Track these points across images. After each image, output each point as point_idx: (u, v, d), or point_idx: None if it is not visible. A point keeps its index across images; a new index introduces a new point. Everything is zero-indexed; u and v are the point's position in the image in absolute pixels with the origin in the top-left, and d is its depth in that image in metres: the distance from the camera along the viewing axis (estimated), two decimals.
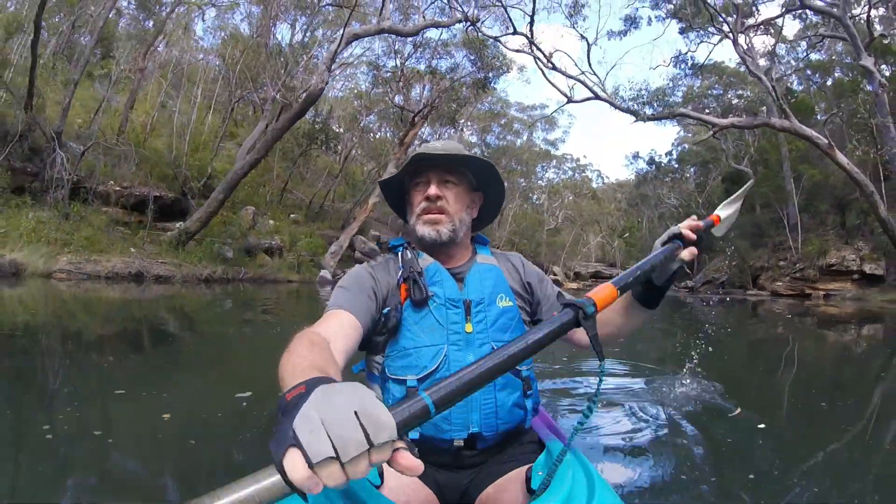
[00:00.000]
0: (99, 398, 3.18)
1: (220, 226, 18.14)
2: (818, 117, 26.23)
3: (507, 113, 43.59)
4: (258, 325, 7.64)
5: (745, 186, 1.60)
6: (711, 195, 39.90)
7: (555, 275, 47.64)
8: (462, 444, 1.24)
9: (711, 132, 19.91)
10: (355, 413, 0.57)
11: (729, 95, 33.81)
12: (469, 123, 40.05)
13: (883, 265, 22.43)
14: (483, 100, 28.27)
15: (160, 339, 5.79)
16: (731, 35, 20.92)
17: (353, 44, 21.04)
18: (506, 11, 17.37)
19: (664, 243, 1.23)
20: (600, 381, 0.98)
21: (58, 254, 13.21)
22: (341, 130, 32.35)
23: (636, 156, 60.51)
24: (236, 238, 18.19)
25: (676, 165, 46.11)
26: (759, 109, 29.02)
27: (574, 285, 45.87)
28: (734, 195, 1.54)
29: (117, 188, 17.43)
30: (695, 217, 1.30)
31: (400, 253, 1.41)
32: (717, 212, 1.45)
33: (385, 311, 1.31)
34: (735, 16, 21.08)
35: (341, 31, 15.32)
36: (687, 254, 1.22)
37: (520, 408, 1.30)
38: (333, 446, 0.54)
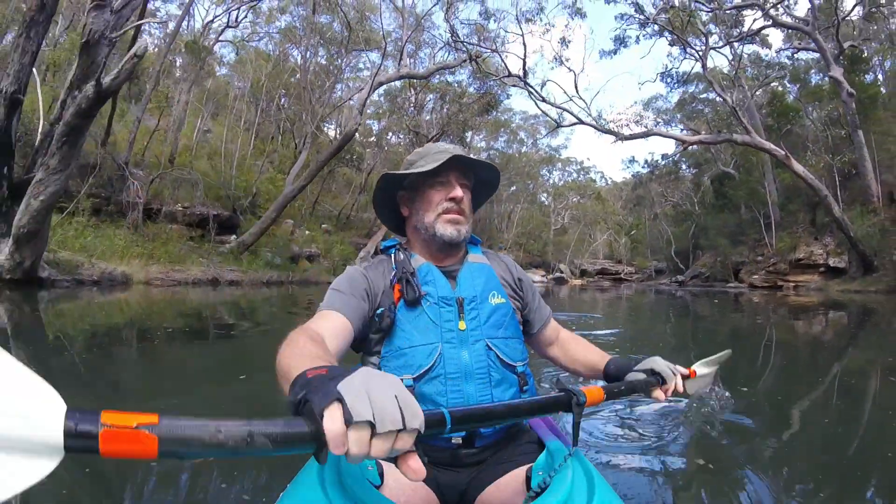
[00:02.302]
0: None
1: (268, 237, 21.48)
2: (807, 121, 28.90)
3: (510, 123, 46.25)
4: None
5: (722, 355, 1.51)
6: (705, 195, 42.48)
7: (561, 272, 50.38)
8: (461, 441, 1.25)
9: (682, 147, 22.90)
10: (395, 396, 0.63)
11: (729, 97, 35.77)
12: (477, 133, 42.63)
13: (846, 259, 24.88)
14: (489, 115, 31.09)
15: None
16: (701, 58, 23.94)
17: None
18: (501, 59, 20.73)
19: (645, 371, 1.29)
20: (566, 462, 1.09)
21: (146, 265, 16.53)
22: (359, 138, 35.43)
23: (632, 160, 63.75)
24: (281, 247, 21.58)
25: (674, 166, 48.46)
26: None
27: (578, 282, 48.55)
28: (711, 359, 1.48)
29: (180, 208, 20.79)
30: (679, 367, 1.35)
31: (393, 254, 1.42)
32: (694, 366, 1.42)
33: (379, 311, 1.31)
34: (704, 42, 24.04)
35: (370, 82, 18.68)
36: (661, 394, 1.25)
37: None
38: (373, 413, 0.60)
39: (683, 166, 47.79)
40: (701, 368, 1.44)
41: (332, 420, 0.59)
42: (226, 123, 29.77)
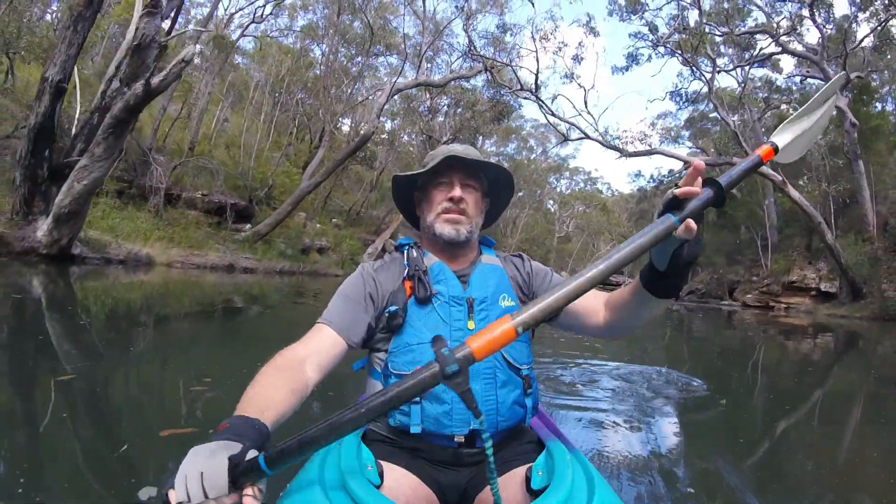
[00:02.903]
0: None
1: (281, 228, 22.45)
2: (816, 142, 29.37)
3: (521, 131, 47.10)
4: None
5: (831, 83, 1.05)
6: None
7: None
8: (463, 440, 1.25)
9: (684, 166, 23.66)
10: (201, 474, 0.80)
11: (734, 118, 36.19)
12: (488, 138, 43.40)
13: (837, 284, 25.31)
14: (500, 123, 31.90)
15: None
16: (708, 82, 24.74)
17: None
18: (515, 73, 21.65)
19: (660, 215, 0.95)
20: (488, 446, 0.86)
21: (167, 248, 17.45)
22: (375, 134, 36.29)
23: (638, 174, 64.62)
24: (293, 239, 22.57)
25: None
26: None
27: None
28: (812, 100, 1.04)
29: (199, 195, 21.70)
30: (695, 165, 0.93)
31: (406, 252, 1.44)
32: (773, 138, 1.01)
33: (392, 309, 1.32)
34: (712, 66, 24.82)
35: (389, 88, 19.65)
36: (683, 230, 0.92)
37: (520, 406, 1.30)
38: (186, 493, 0.78)
39: None
40: (789, 131, 1.02)
41: (171, 500, 0.79)
42: (245, 115, 30.68)
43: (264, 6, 25.90)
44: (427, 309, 1.31)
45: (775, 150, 1.01)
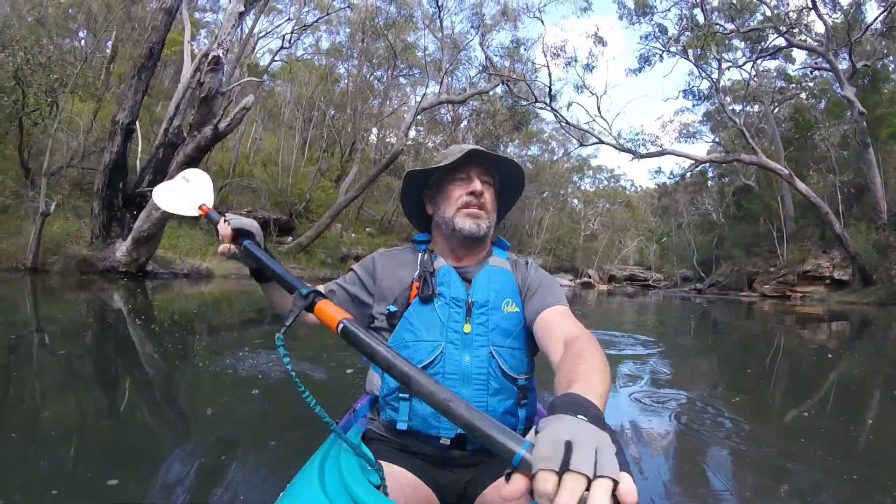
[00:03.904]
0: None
1: (320, 239, 24.47)
2: (826, 135, 29.92)
3: (542, 133, 48.15)
4: None
5: None
6: (729, 206, 43.73)
7: (589, 277, 52.01)
8: (449, 442, 1.24)
9: (695, 164, 24.96)
10: (228, 224, 1.34)
11: (755, 108, 36.04)
12: (511, 142, 44.49)
13: (849, 272, 26.02)
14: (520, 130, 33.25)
15: None
16: (715, 82, 25.87)
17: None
18: (530, 88, 23.29)
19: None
20: None
21: (222, 262, 19.40)
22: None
23: (658, 170, 65.28)
24: (332, 248, 24.55)
25: (701, 177, 49.45)
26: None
27: (605, 287, 50.07)
28: None
29: (243, 212, 23.64)
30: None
31: (421, 251, 1.45)
32: None
33: (391, 308, 1.36)
34: (718, 64, 25.88)
35: (415, 107, 21.53)
36: (509, 490, 0.61)
37: (511, 416, 1.28)
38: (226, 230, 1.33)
39: (710, 173, 48.83)
40: None
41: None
42: (278, 134, 32.79)
43: (291, 32, 27.89)
44: (428, 308, 1.33)
45: None
